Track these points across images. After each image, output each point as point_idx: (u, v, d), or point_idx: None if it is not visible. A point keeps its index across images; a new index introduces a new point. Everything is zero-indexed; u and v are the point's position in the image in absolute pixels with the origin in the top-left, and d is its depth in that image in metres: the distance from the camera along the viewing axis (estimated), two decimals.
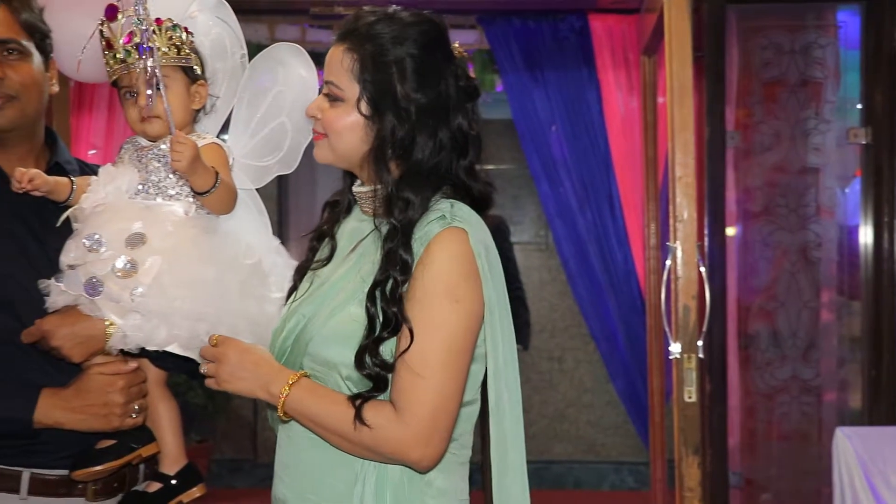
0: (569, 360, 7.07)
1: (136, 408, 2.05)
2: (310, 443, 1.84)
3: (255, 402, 1.87)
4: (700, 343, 3.45)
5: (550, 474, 6.93)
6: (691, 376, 3.46)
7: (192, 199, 2.04)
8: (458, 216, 1.79)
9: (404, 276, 1.77)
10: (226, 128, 2.22)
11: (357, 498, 1.80)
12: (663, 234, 4.70)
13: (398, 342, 1.76)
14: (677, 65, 3.49)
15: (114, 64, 2.05)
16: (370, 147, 1.84)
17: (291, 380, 1.80)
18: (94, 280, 1.93)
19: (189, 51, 2.08)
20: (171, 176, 2.03)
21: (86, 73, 2.23)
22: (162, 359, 2.03)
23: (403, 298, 1.76)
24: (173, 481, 2.10)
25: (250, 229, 2.13)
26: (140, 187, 2.04)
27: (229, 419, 6.62)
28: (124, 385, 2.02)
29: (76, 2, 2.18)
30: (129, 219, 1.98)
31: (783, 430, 4.45)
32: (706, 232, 4.15)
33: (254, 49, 2.20)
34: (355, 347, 1.78)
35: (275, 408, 1.82)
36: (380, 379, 1.77)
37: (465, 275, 1.77)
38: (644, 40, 4.74)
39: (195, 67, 2.10)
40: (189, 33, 2.08)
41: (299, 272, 1.99)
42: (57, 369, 2.02)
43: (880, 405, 4.28)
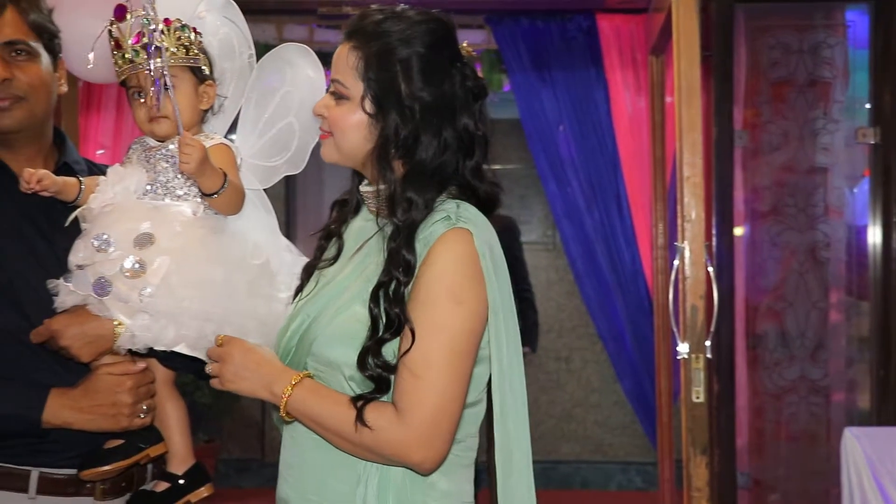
0: (576, 360, 7.07)
1: (145, 408, 2.05)
2: (313, 443, 1.84)
3: (263, 402, 1.87)
4: (708, 343, 3.45)
5: (558, 474, 6.93)
6: (699, 376, 3.46)
7: (200, 200, 2.04)
8: (464, 217, 1.79)
9: (407, 277, 1.76)
10: (234, 128, 2.22)
11: (359, 499, 1.79)
12: (671, 234, 4.69)
13: (401, 343, 1.76)
14: (685, 64, 3.49)
15: (122, 64, 2.05)
16: (374, 146, 1.83)
17: (294, 380, 1.80)
18: (103, 280, 1.94)
19: (197, 51, 2.08)
20: (179, 176, 2.03)
21: (94, 74, 2.23)
22: (170, 359, 2.03)
23: (406, 299, 1.76)
24: (181, 481, 2.10)
25: (258, 229, 2.13)
26: (148, 187, 2.04)
27: (237, 419, 6.62)
28: (133, 385, 2.03)
29: (85, 2, 2.19)
30: (138, 219, 1.98)
31: (791, 430, 4.44)
32: (714, 232, 4.14)
33: (262, 49, 2.21)
34: (359, 348, 1.77)
35: (278, 408, 1.82)
36: (382, 380, 1.76)
37: (469, 276, 1.76)
38: (652, 40, 4.73)
39: (203, 68, 2.10)
40: (198, 33, 2.08)
41: (306, 271, 1.99)
42: (65, 369, 2.02)
43: (889, 405, 4.27)
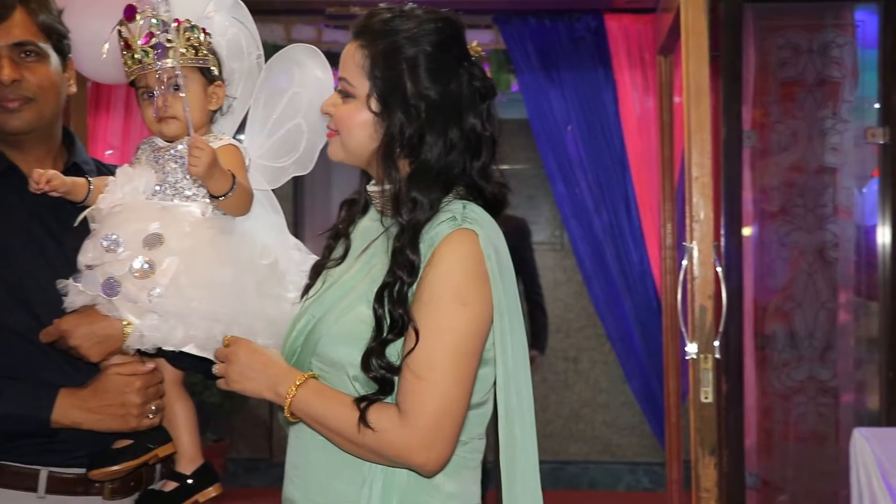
0: (584, 361, 7.06)
1: (153, 408, 2.06)
2: (318, 444, 1.83)
3: (271, 401, 1.87)
4: (716, 343, 3.44)
5: (566, 475, 6.92)
6: (707, 377, 3.45)
7: (209, 200, 2.04)
8: (469, 218, 1.77)
9: (411, 277, 1.75)
10: (242, 128, 2.22)
11: (364, 501, 1.79)
12: (679, 235, 4.68)
13: (405, 344, 1.75)
14: (694, 64, 3.48)
15: (132, 64, 2.05)
16: (379, 144, 1.83)
17: (298, 381, 1.80)
18: (112, 280, 1.94)
19: (206, 51, 2.08)
20: (187, 177, 2.03)
21: (104, 74, 2.24)
22: (179, 359, 2.04)
23: (410, 300, 1.75)
24: (189, 480, 2.11)
25: (267, 229, 2.13)
26: (157, 188, 2.04)
27: (245, 418, 6.64)
28: (141, 385, 2.03)
29: (95, 3, 2.19)
30: (147, 219, 1.99)
31: (800, 431, 4.43)
32: (723, 232, 4.13)
33: (270, 49, 2.20)
34: (363, 348, 1.76)
35: (282, 408, 1.82)
36: (385, 381, 1.75)
37: (474, 277, 1.75)
38: (660, 40, 4.72)
39: (212, 68, 2.10)
40: (207, 34, 2.08)
41: (315, 270, 1.98)
42: (75, 369, 2.03)
43: None
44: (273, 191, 2.21)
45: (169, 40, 2.00)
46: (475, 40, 1.89)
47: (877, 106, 4.39)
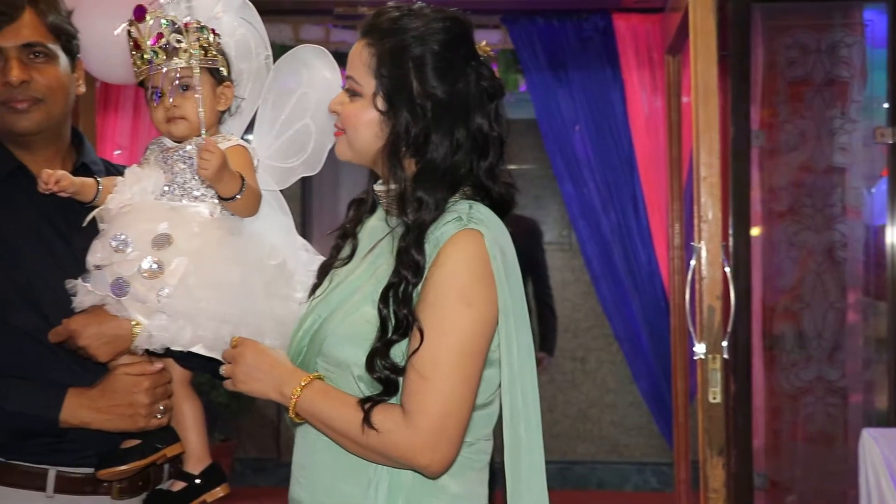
0: (592, 361, 7.06)
1: (162, 408, 2.06)
2: (324, 445, 1.83)
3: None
4: (725, 343, 3.44)
5: (573, 475, 6.92)
6: (716, 377, 3.44)
7: (217, 201, 2.04)
8: (475, 218, 1.76)
9: (416, 278, 1.74)
10: (250, 128, 2.22)
11: (370, 502, 1.78)
12: (688, 235, 4.68)
13: (409, 344, 1.74)
14: (702, 64, 3.48)
15: (141, 64, 2.05)
16: (384, 143, 1.82)
17: (304, 381, 1.79)
18: (121, 280, 1.94)
19: (216, 52, 2.08)
20: (196, 177, 2.03)
21: (112, 74, 2.24)
22: (187, 359, 2.04)
23: (414, 300, 1.74)
24: (197, 480, 2.11)
25: (275, 229, 2.13)
26: (166, 188, 2.05)
27: (253, 418, 6.64)
28: (150, 385, 2.03)
29: (104, 4, 2.20)
30: (155, 220, 1.99)
31: (808, 431, 4.43)
32: (731, 232, 4.13)
33: (278, 50, 2.20)
34: (368, 349, 1.76)
35: (289, 409, 1.82)
36: (390, 382, 1.75)
37: (479, 277, 1.74)
38: (668, 39, 4.72)
39: (221, 69, 2.10)
40: (216, 35, 2.08)
41: (322, 270, 1.98)
42: (83, 369, 2.03)
43: None
44: (281, 191, 2.21)
45: (179, 41, 2.00)
46: (484, 40, 1.89)
47: (886, 106, 4.37)
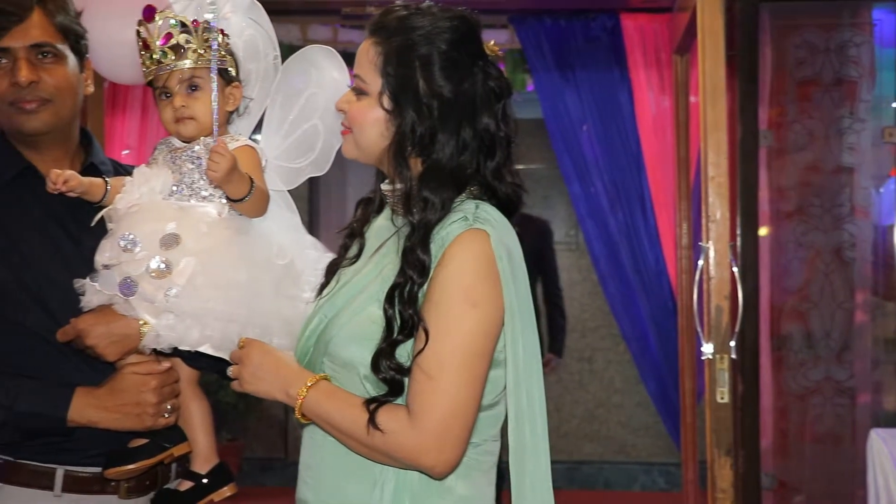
0: (599, 361, 7.06)
1: (169, 407, 2.06)
2: (331, 446, 1.83)
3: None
4: (732, 344, 3.44)
5: (581, 475, 6.92)
6: (723, 377, 3.44)
7: (225, 201, 2.04)
8: (481, 218, 1.76)
9: (421, 278, 1.73)
10: (258, 129, 2.22)
11: (375, 503, 1.77)
12: (695, 235, 4.67)
13: (415, 344, 1.74)
14: (710, 64, 3.48)
15: (150, 65, 2.05)
16: (390, 142, 1.82)
17: (310, 382, 1.79)
18: (129, 280, 1.95)
19: (225, 52, 2.08)
20: (204, 177, 2.04)
21: (122, 75, 2.24)
22: (194, 359, 2.05)
23: (420, 301, 1.73)
24: (204, 480, 2.11)
25: (283, 229, 2.13)
26: (174, 188, 2.05)
27: (260, 418, 6.66)
28: (157, 385, 2.04)
29: (114, 4, 2.20)
30: (164, 219, 1.99)
31: (816, 431, 4.42)
32: (738, 232, 4.12)
33: (286, 50, 2.20)
34: (374, 349, 1.75)
35: (294, 410, 1.82)
36: (395, 383, 1.74)
37: (485, 277, 1.73)
38: (676, 39, 4.72)
39: (230, 69, 2.10)
40: (225, 35, 2.09)
41: (330, 270, 1.97)
42: (91, 368, 2.04)
43: None
44: (289, 190, 2.21)
45: (188, 41, 2.01)
46: (492, 40, 1.89)
47: (894, 105, 4.36)
